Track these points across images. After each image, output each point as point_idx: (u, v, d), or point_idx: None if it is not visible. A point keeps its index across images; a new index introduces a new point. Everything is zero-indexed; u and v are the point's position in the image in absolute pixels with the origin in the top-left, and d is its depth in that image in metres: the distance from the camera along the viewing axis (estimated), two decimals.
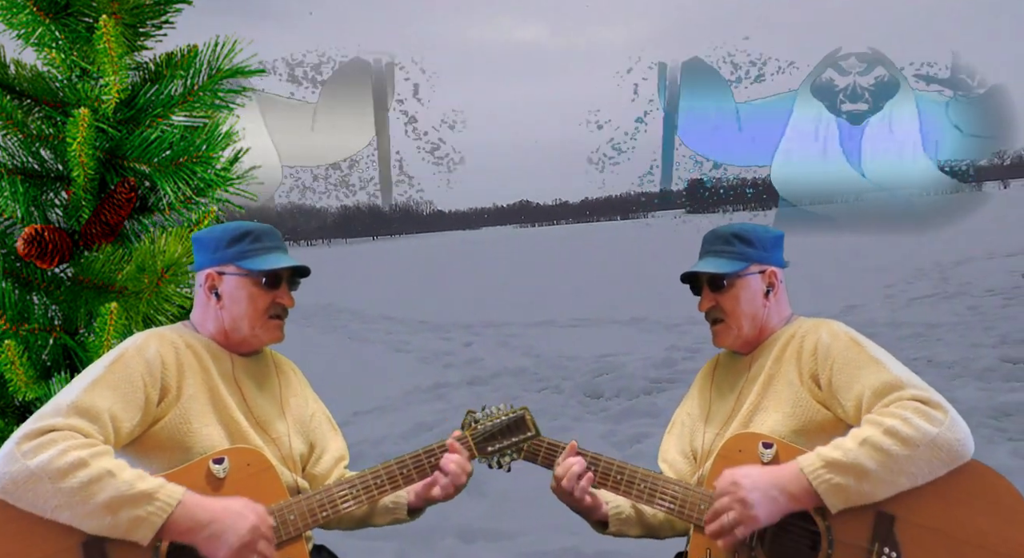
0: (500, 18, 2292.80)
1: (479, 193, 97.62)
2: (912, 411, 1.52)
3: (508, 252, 33.13)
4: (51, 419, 1.49)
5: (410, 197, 31.23)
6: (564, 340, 9.15)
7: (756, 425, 1.72)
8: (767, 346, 1.81)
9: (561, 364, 7.65)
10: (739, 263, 1.81)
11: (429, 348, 9.33)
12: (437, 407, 6.22)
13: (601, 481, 1.75)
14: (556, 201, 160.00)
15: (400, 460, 1.73)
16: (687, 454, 1.89)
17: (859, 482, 1.51)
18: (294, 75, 58.03)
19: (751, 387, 1.78)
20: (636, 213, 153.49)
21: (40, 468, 1.42)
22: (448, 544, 3.39)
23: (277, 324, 1.79)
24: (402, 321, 12.23)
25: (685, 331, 9.02)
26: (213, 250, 1.77)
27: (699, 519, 1.65)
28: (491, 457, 1.79)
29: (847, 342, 1.69)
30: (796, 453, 1.62)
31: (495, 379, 7.21)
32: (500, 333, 10.10)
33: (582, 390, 6.50)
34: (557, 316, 11.19)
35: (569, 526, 3.51)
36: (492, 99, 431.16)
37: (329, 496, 1.65)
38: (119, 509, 1.43)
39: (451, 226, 60.97)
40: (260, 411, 1.76)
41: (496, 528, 3.58)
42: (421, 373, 7.73)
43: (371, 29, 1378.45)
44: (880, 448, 1.50)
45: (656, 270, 17.46)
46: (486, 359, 8.32)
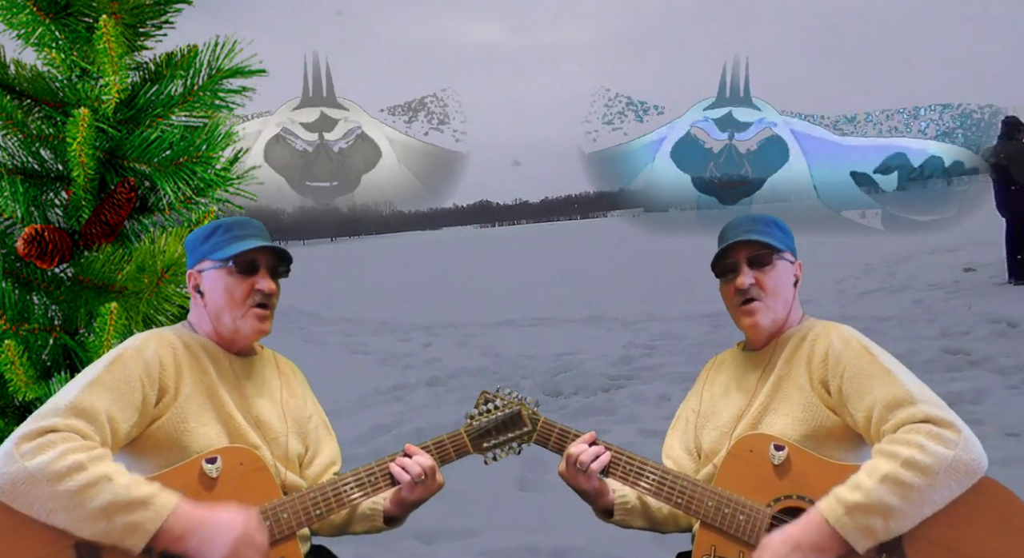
0: (459, 17, 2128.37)
1: (435, 196, 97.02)
2: (926, 436, 1.51)
3: (468, 252, 33.04)
4: (50, 419, 1.49)
5: (369, 197, 30.70)
6: (523, 339, 9.12)
7: (765, 427, 1.71)
8: (779, 345, 1.79)
9: (520, 363, 7.64)
10: (781, 244, 1.80)
11: (388, 349, 9.25)
12: (395, 409, 6.14)
13: (611, 471, 1.75)
14: (516, 201, 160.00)
15: (393, 457, 1.73)
16: (691, 451, 1.88)
17: (886, 521, 1.49)
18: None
19: (762, 386, 1.77)
20: (596, 213, 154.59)
21: (38, 470, 1.42)
22: (407, 545, 3.40)
23: (259, 313, 1.75)
24: (361, 322, 12.10)
25: (642, 329, 9.12)
26: (192, 250, 1.79)
27: (705, 515, 1.66)
28: (486, 453, 1.79)
29: (859, 350, 1.68)
30: (807, 458, 1.64)
31: (454, 379, 7.18)
32: (459, 333, 10.05)
33: (541, 388, 6.51)
34: (516, 315, 11.14)
35: (528, 524, 3.59)
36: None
37: (323, 494, 1.65)
38: (114, 514, 1.43)
39: (411, 227, 60.67)
40: (259, 411, 1.76)
41: (455, 527, 3.58)
42: (380, 375, 7.64)
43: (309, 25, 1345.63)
44: (901, 483, 1.48)
45: (613, 268, 17.66)
46: (445, 359, 8.27)
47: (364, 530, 1.84)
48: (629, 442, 4.60)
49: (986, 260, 11.75)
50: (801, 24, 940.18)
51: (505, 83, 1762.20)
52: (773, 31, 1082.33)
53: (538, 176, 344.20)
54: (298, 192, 26.97)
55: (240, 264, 1.74)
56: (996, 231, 10.27)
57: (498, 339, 9.32)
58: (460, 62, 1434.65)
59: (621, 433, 4.93)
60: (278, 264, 1.80)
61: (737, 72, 24.69)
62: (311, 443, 1.87)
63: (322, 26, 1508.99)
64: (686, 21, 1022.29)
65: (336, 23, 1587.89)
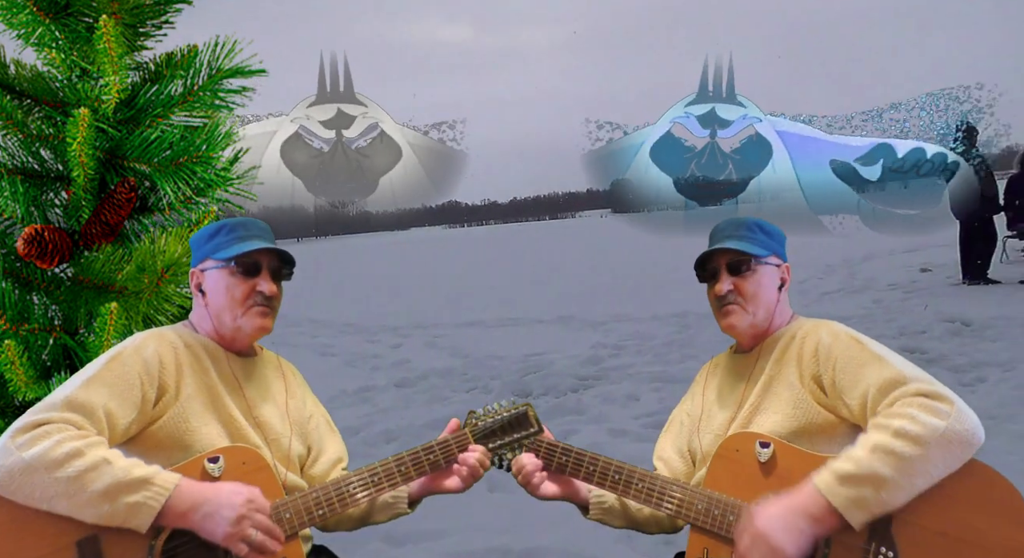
0: (426, 17, 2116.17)
1: (411, 195, 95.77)
2: (917, 407, 1.50)
3: (437, 253, 32.87)
4: (44, 414, 1.50)
5: (335, 198, 30.10)
6: (492, 340, 9.12)
7: (756, 426, 1.71)
8: (767, 346, 1.80)
9: (489, 364, 7.64)
10: (763, 250, 1.81)
11: (356, 351, 9.19)
12: (363, 411, 6.13)
13: (600, 481, 1.75)
14: (485, 201, 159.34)
15: (398, 458, 1.72)
16: (683, 453, 1.89)
17: (877, 491, 1.48)
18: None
19: (751, 390, 1.78)
20: (564, 213, 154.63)
21: (35, 459, 1.43)
22: (375, 548, 3.39)
23: (260, 311, 1.77)
24: (328, 324, 11.98)
25: (611, 329, 9.18)
26: (196, 249, 1.81)
27: (697, 519, 1.66)
28: (493, 454, 1.78)
29: (848, 341, 1.69)
30: (793, 453, 1.64)
31: (423, 380, 7.16)
32: (428, 334, 10.01)
33: (510, 389, 6.52)
34: (485, 316, 11.11)
35: (498, 525, 3.58)
36: (415, 100, 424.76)
37: (326, 494, 1.66)
38: (117, 496, 1.44)
39: (378, 227, 59.74)
40: (259, 411, 1.77)
41: (424, 529, 3.56)
42: (347, 376, 7.60)
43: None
44: (892, 452, 1.48)
45: (582, 269, 17.78)
46: (414, 360, 8.24)
47: (387, 518, 1.85)
48: (598, 442, 4.68)
49: (942, 261, 12.12)
50: (782, 24, 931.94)
51: (483, 82, 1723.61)
52: (753, 31, 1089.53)
53: (511, 176, 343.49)
54: (313, 193, 26.36)
55: (242, 265, 1.75)
56: (952, 232, 10.61)
57: (467, 340, 9.30)
58: (431, 61, 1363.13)
59: (590, 433, 4.98)
60: (281, 266, 1.82)
61: (720, 68, 24.24)
62: (314, 442, 1.88)
63: (341, 25, 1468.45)
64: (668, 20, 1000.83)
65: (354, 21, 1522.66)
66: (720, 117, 24.18)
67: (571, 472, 1.78)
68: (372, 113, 27.25)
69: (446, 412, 5.90)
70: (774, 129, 23.80)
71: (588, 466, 1.76)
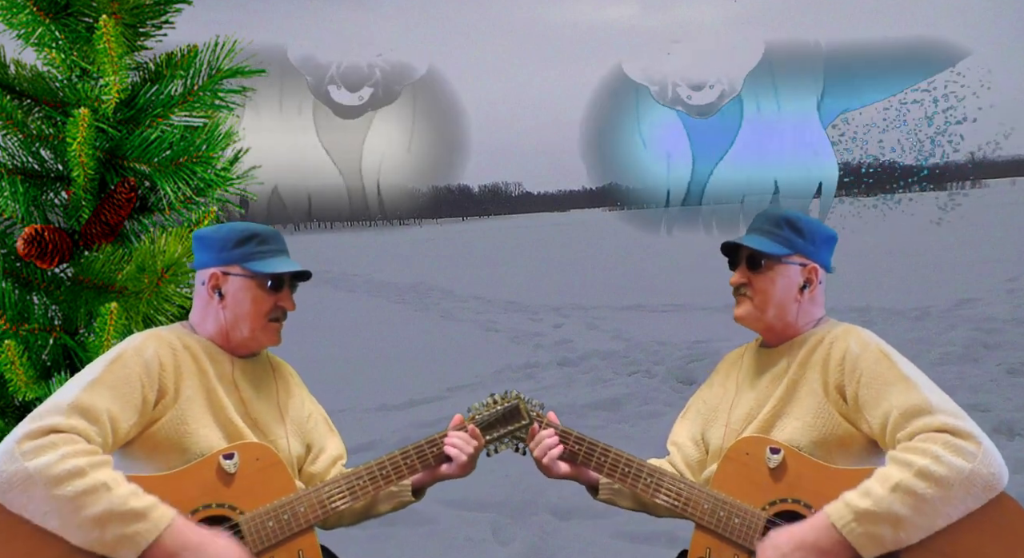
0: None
1: (568, 176, 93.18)
2: (942, 446, 1.46)
3: (594, 235, 32.80)
4: (52, 418, 1.48)
5: (499, 179, 30.80)
6: (655, 325, 9.02)
7: (776, 431, 1.70)
8: (794, 346, 1.76)
9: (652, 349, 7.57)
10: (782, 248, 1.76)
11: (519, 329, 9.36)
12: (527, 387, 6.20)
13: (609, 472, 1.77)
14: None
15: (404, 450, 1.75)
16: (697, 441, 1.89)
17: (895, 531, 1.46)
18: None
19: (774, 388, 1.75)
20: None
21: (37, 472, 1.42)
22: (541, 519, 3.35)
23: (276, 327, 1.79)
24: (492, 301, 12.32)
25: None
26: (219, 250, 1.76)
27: (702, 519, 1.66)
28: (488, 446, 1.81)
29: (877, 355, 1.64)
30: (804, 461, 1.62)
31: (584, 361, 7.21)
32: (588, 316, 10.05)
33: (674, 375, 6.46)
34: (647, 301, 11.03)
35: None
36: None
37: (328, 493, 1.67)
38: (108, 524, 1.43)
39: (539, 208, 60.07)
40: (258, 413, 1.76)
41: (592, 506, 3.64)
42: (512, 352, 7.80)
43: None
44: (913, 493, 1.45)
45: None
46: (575, 341, 8.28)
47: (390, 509, 1.87)
48: None
49: None
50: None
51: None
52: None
53: None
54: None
55: (275, 281, 1.77)
56: None
57: (628, 324, 9.28)
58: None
59: None
60: (295, 280, 1.83)
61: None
62: (314, 441, 1.87)
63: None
64: None
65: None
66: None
67: (582, 461, 1.79)
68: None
69: (608, 394, 6.04)
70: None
71: (599, 457, 1.77)
